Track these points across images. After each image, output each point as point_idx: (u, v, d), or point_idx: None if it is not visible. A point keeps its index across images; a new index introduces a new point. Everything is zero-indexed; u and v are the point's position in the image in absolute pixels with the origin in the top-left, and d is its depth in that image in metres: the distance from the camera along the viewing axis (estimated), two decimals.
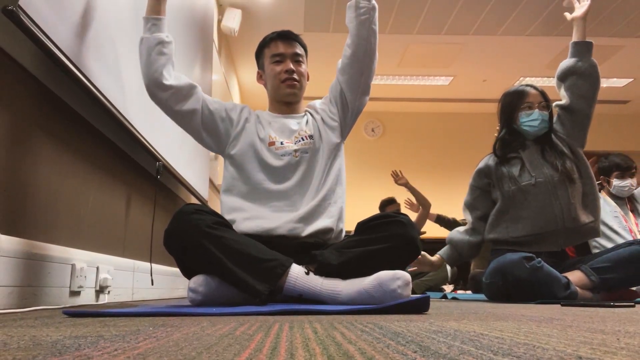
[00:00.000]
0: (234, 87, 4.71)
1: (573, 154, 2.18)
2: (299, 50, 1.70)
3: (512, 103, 2.24)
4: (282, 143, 1.62)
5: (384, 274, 1.24)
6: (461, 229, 2.34)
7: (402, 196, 4.52)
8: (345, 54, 1.63)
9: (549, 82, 5.93)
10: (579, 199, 2.12)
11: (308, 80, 1.75)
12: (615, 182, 2.85)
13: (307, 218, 1.53)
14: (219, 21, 4.21)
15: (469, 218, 2.33)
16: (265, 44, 1.72)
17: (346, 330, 0.65)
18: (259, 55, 1.76)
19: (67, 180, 1.54)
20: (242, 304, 1.29)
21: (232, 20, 4.19)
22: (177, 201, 2.83)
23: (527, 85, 2.27)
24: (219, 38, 4.33)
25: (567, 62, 2.23)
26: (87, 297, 1.62)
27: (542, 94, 2.22)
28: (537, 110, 2.16)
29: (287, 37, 1.70)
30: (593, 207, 2.14)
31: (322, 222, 1.54)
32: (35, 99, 1.36)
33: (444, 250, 2.32)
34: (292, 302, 1.33)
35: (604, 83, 5.98)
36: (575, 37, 2.22)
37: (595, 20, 4.56)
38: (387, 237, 1.36)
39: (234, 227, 1.47)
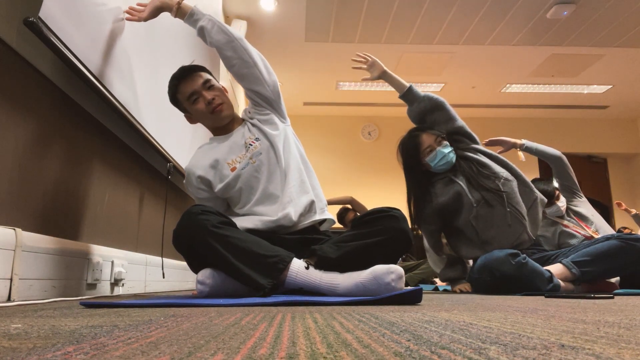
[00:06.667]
0: (240, 93, 4.71)
1: (489, 157, 2.16)
2: (203, 77, 1.61)
3: (413, 153, 2.16)
4: (239, 161, 1.59)
5: (379, 268, 1.24)
6: (438, 268, 2.31)
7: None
8: (226, 65, 1.62)
9: (532, 89, 5.94)
10: (520, 200, 2.09)
11: (227, 92, 1.69)
12: (547, 210, 2.82)
13: (289, 201, 1.53)
14: None
15: (439, 256, 2.28)
16: (175, 91, 1.62)
17: (344, 320, 0.65)
18: (175, 102, 1.65)
19: (84, 180, 1.54)
20: (246, 295, 1.30)
21: (238, 30, 4.14)
22: (186, 199, 2.83)
23: (415, 130, 2.20)
24: None
25: (413, 110, 2.21)
26: (102, 289, 1.62)
27: (432, 130, 2.15)
28: (437, 148, 2.10)
29: (187, 73, 1.61)
30: (527, 199, 2.12)
31: (304, 199, 1.55)
32: (54, 105, 1.36)
33: (452, 274, 2.27)
34: (292, 291, 1.33)
35: (585, 89, 5.99)
36: (397, 90, 2.20)
37: (577, 30, 4.56)
38: (381, 230, 1.36)
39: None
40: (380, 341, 0.45)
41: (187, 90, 1.59)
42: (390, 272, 1.22)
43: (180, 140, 2.32)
